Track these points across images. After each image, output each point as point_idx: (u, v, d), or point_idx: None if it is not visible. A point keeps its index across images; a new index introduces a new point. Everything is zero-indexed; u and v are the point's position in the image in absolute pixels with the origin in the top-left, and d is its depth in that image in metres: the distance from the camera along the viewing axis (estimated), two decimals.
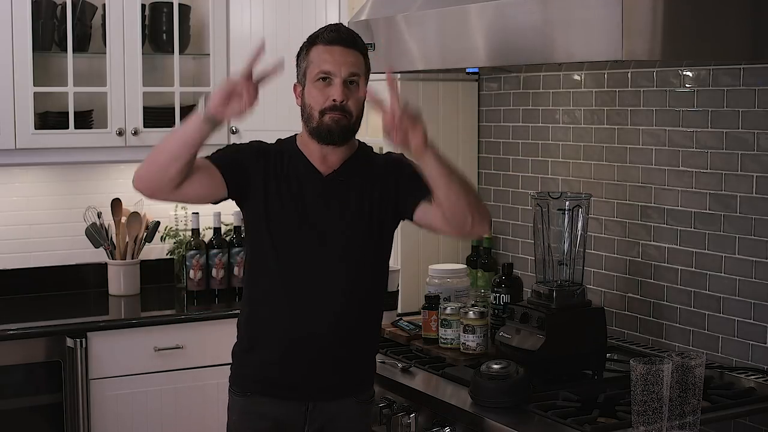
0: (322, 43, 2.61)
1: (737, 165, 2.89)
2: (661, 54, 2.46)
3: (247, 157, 2.66)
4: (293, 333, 2.62)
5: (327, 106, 2.58)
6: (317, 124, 2.59)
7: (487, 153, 3.83)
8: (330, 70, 2.58)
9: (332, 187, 2.64)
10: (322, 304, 2.61)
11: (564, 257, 2.94)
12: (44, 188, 4.25)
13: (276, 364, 2.64)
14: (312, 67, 2.60)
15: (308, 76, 2.61)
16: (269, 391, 2.65)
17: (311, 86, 2.60)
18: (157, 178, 2.54)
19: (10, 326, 3.69)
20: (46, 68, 4.05)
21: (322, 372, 2.64)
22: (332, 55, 2.59)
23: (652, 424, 2.24)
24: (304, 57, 2.64)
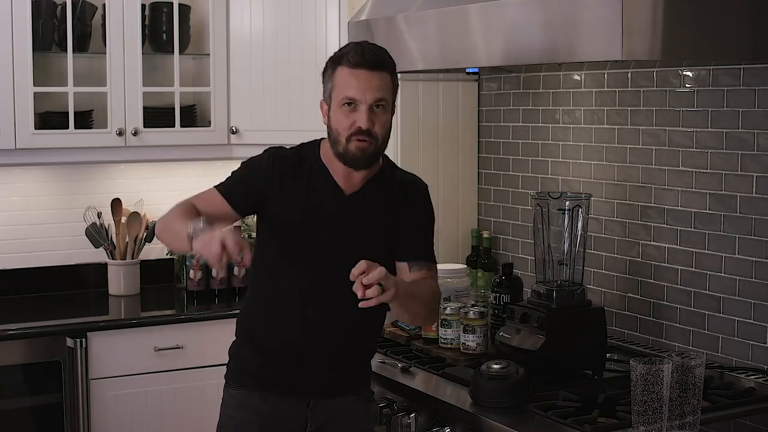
0: (347, 66, 2.53)
1: (737, 165, 2.89)
2: (661, 54, 2.46)
3: (258, 179, 2.62)
4: (298, 336, 2.63)
5: (353, 132, 2.53)
6: (344, 150, 2.55)
7: (487, 153, 3.83)
8: (355, 97, 2.52)
9: (352, 207, 2.63)
10: (329, 314, 2.61)
11: (564, 257, 2.94)
12: (44, 188, 4.25)
13: (279, 363, 2.64)
14: (337, 91, 2.55)
15: (334, 99, 2.56)
16: (270, 387, 2.65)
17: (337, 109, 2.55)
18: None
19: (10, 326, 3.69)
20: (46, 68, 4.04)
21: (323, 372, 2.64)
22: (357, 80, 2.52)
23: (652, 424, 2.24)
24: (330, 77, 2.58)
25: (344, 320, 2.62)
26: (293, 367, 2.63)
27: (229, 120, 4.15)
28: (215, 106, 4.14)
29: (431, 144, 3.78)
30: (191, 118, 4.22)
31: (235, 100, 4.14)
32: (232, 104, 4.14)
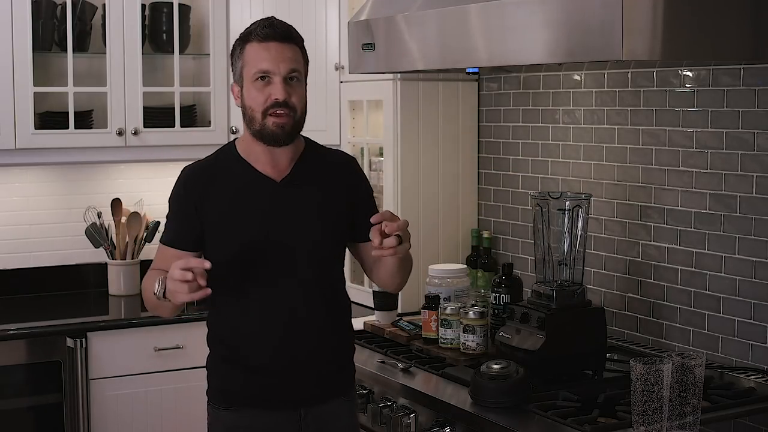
0: (257, 40, 2.50)
1: (737, 165, 2.89)
2: (661, 54, 2.46)
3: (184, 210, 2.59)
4: (276, 342, 2.56)
5: (269, 105, 2.49)
6: (260, 126, 2.50)
7: (487, 153, 3.83)
8: (268, 69, 2.48)
9: (287, 192, 2.56)
10: (299, 310, 2.55)
11: (564, 257, 2.94)
12: (44, 188, 4.25)
13: (265, 375, 2.56)
14: (248, 66, 2.50)
15: (246, 76, 2.51)
16: (260, 403, 2.57)
17: (250, 86, 2.50)
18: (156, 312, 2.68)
19: (10, 326, 3.70)
20: (46, 68, 4.05)
21: (311, 376, 2.58)
22: (269, 52, 2.49)
23: (652, 424, 2.24)
24: (239, 56, 2.53)
25: (316, 315, 2.56)
26: (281, 378, 2.56)
27: (229, 120, 4.15)
28: (215, 106, 4.14)
29: (431, 144, 3.78)
30: (191, 118, 4.22)
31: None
32: (232, 104, 4.13)
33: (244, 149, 2.60)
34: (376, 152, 3.92)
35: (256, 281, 2.55)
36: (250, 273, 2.55)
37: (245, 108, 2.54)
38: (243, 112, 2.55)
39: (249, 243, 2.54)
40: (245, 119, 2.55)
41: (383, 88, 3.75)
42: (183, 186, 2.61)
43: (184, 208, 2.59)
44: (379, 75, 3.66)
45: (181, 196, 2.61)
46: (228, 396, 2.61)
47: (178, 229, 2.61)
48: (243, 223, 2.54)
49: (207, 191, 2.57)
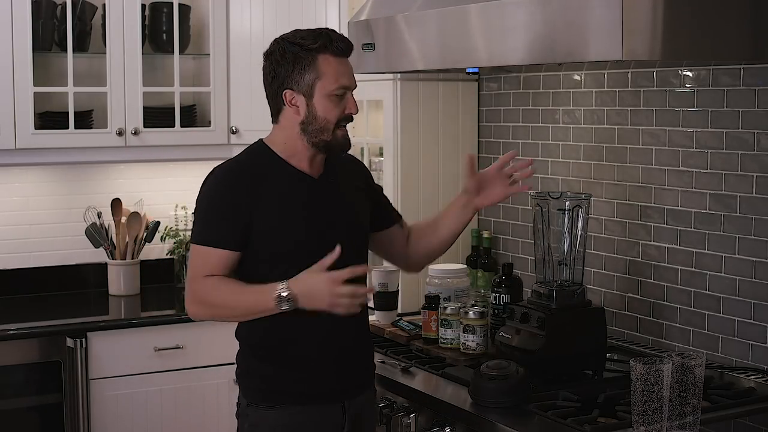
0: (333, 54, 2.53)
1: (737, 165, 2.89)
2: (661, 54, 2.46)
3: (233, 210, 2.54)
4: (324, 337, 2.60)
5: (342, 118, 2.57)
6: (331, 138, 2.57)
7: (487, 153, 3.83)
8: (349, 85, 2.56)
9: (326, 188, 2.63)
10: None
11: (564, 257, 2.94)
12: (44, 188, 4.25)
13: (314, 371, 2.59)
14: (326, 80, 2.52)
15: (321, 89, 2.53)
16: (309, 399, 2.59)
17: (325, 100, 2.54)
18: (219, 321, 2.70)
19: (10, 326, 3.70)
20: (46, 68, 4.05)
21: (354, 367, 2.66)
22: (346, 67, 2.56)
23: (652, 424, 2.24)
24: (310, 66, 2.52)
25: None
26: (327, 372, 2.60)
27: (229, 120, 4.16)
28: (215, 106, 4.14)
29: (431, 144, 3.78)
30: (191, 118, 4.22)
31: (235, 100, 4.15)
32: (232, 104, 4.14)
33: (285, 151, 2.61)
34: (376, 152, 3.92)
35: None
36: (299, 270, 2.54)
37: (315, 119, 2.55)
38: (308, 122, 2.55)
39: (302, 240, 2.57)
40: (309, 128, 2.56)
41: (383, 88, 3.75)
42: (228, 185, 2.56)
43: (232, 205, 2.54)
44: (379, 75, 3.66)
45: (226, 195, 2.55)
46: (275, 395, 2.60)
47: (225, 230, 2.54)
48: (294, 221, 2.57)
49: (257, 191, 2.55)
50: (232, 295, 2.54)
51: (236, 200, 2.54)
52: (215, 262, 2.54)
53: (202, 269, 2.55)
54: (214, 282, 2.54)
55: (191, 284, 2.58)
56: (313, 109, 2.55)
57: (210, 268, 2.54)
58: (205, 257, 2.55)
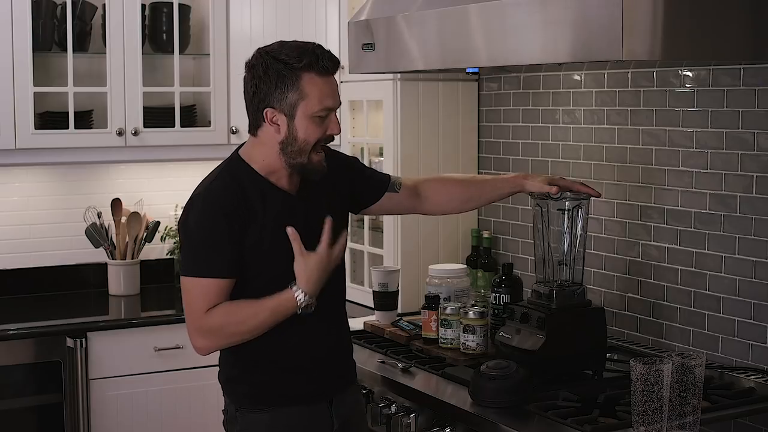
0: (318, 73, 2.45)
1: (737, 165, 2.89)
2: (661, 54, 2.46)
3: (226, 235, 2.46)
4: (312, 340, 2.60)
5: (323, 139, 2.50)
6: (307, 160, 2.50)
7: (487, 153, 3.83)
8: (333, 106, 2.49)
9: (302, 204, 2.58)
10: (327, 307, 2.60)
11: (564, 257, 2.93)
12: (44, 188, 4.25)
13: (303, 372, 2.59)
14: (310, 101, 2.44)
15: (304, 111, 2.45)
16: (298, 399, 2.59)
17: (307, 121, 2.46)
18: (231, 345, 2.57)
19: (10, 326, 3.70)
20: (46, 68, 4.05)
21: (340, 366, 2.67)
22: (330, 87, 2.47)
23: (652, 424, 2.24)
24: (294, 86, 2.44)
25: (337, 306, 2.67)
26: (315, 372, 2.61)
27: (229, 120, 4.16)
28: (215, 106, 4.14)
29: (431, 144, 3.78)
30: (191, 118, 4.22)
31: (235, 100, 4.14)
32: (232, 104, 4.14)
33: (264, 168, 2.54)
34: (376, 152, 3.92)
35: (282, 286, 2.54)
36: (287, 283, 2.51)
37: (295, 140, 2.47)
38: (287, 142, 2.48)
39: (289, 263, 2.51)
40: (288, 149, 2.49)
41: (383, 88, 3.75)
42: (216, 207, 2.47)
43: (225, 230, 2.46)
44: (379, 75, 3.66)
45: (216, 219, 2.46)
46: (264, 399, 2.59)
47: (220, 259, 2.46)
48: (284, 242, 2.49)
49: (245, 214, 2.48)
50: (250, 318, 2.47)
51: (227, 227, 2.46)
52: (215, 293, 2.46)
53: (203, 303, 2.46)
54: (224, 310, 2.47)
55: (195, 320, 2.47)
56: (294, 129, 2.47)
57: (211, 300, 2.46)
58: (203, 290, 2.46)
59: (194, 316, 2.47)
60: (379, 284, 3.47)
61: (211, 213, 2.47)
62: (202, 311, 2.46)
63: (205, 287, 2.46)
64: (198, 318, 2.47)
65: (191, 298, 2.48)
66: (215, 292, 2.46)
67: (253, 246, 2.49)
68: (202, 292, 2.46)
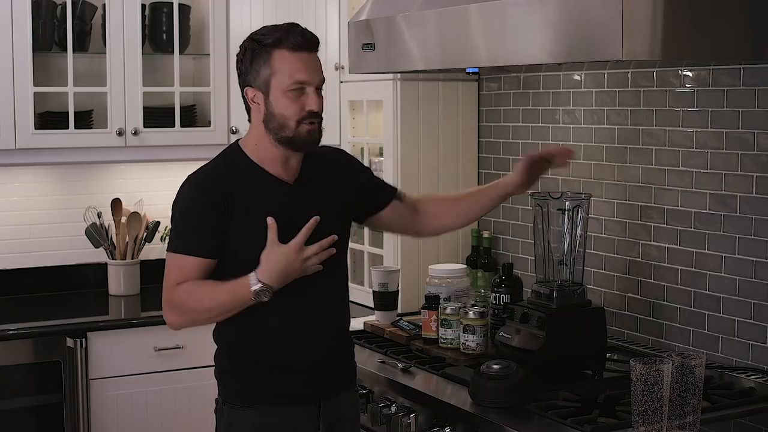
0: (290, 49, 2.48)
1: (737, 165, 2.89)
2: (661, 54, 2.46)
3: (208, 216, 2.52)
4: (304, 340, 2.60)
5: (304, 116, 2.51)
6: (293, 134, 2.51)
7: (487, 153, 3.83)
8: (306, 80, 2.49)
9: (302, 193, 2.59)
10: (317, 305, 2.60)
11: (564, 257, 2.94)
12: (44, 188, 4.25)
13: (291, 373, 2.59)
14: (281, 76, 2.48)
15: (276, 85, 2.49)
16: (284, 399, 2.60)
17: (281, 96, 2.49)
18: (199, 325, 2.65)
19: (10, 326, 3.70)
20: (46, 68, 4.05)
21: (332, 370, 2.65)
22: (303, 62, 2.49)
23: (652, 424, 2.24)
24: (265, 62, 2.49)
25: (333, 308, 2.65)
26: (302, 372, 2.60)
27: (229, 120, 4.15)
28: (215, 106, 4.14)
29: (431, 144, 3.78)
30: (191, 118, 4.22)
31: (235, 100, 4.13)
32: (232, 104, 4.14)
33: (255, 153, 2.59)
34: (376, 152, 3.92)
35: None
36: None
37: (273, 116, 2.52)
38: (268, 119, 2.53)
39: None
40: (271, 126, 2.53)
41: (383, 88, 3.75)
42: (203, 192, 2.54)
43: (208, 214, 2.52)
44: (379, 75, 3.66)
45: (202, 202, 2.53)
46: (251, 395, 2.61)
47: (200, 237, 2.53)
48: (262, 228, 2.49)
49: (230, 196, 2.52)
50: (207, 297, 2.52)
51: (211, 208, 2.52)
52: (190, 271, 2.53)
53: (176, 278, 2.54)
54: (188, 286, 2.53)
55: (166, 293, 2.56)
56: (270, 106, 2.52)
57: (184, 276, 2.53)
58: (180, 265, 2.54)
59: (166, 290, 2.57)
60: (379, 284, 3.47)
61: (196, 194, 2.55)
62: (173, 285, 2.55)
63: (179, 262, 2.55)
64: (168, 291, 2.56)
65: (167, 271, 2.58)
66: (188, 269, 2.53)
67: (238, 231, 2.53)
68: (177, 267, 2.55)
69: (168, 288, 2.56)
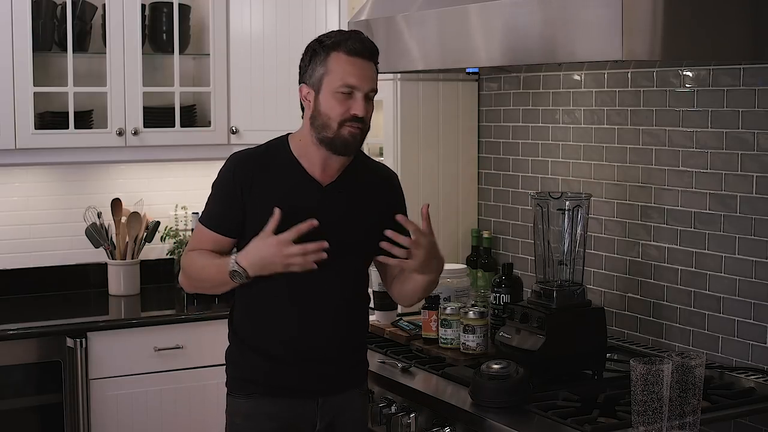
0: (346, 53, 2.53)
1: (737, 165, 2.89)
2: (661, 54, 2.46)
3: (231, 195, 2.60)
4: (301, 333, 2.62)
5: (347, 118, 2.54)
6: (334, 134, 2.55)
7: (487, 153, 3.83)
8: (355, 84, 2.53)
9: (331, 198, 2.61)
10: (325, 305, 2.62)
11: (564, 257, 2.94)
12: (44, 188, 4.25)
13: (287, 366, 2.61)
14: (333, 76, 2.53)
15: (327, 85, 2.54)
16: (279, 391, 2.63)
17: (330, 96, 2.54)
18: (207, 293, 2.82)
19: (10, 326, 3.70)
20: (46, 68, 4.05)
21: (329, 367, 2.65)
22: (357, 68, 2.54)
23: (652, 424, 2.24)
24: (322, 62, 2.55)
25: (339, 312, 2.64)
26: (301, 367, 2.62)
27: (229, 120, 4.15)
28: (215, 106, 4.14)
29: (431, 144, 3.78)
30: (191, 118, 4.22)
31: (235, 100, 4.14)
32: (232, 104, 4.14)
33: (298, 148, 2.63)
34: (376, 152, 3.92)
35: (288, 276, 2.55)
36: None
37: (319, 114, 2.56)
38: (314, 117, 2.57)
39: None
40: (315, 123, 2.57)
41: (383, 88, 3.73)
42: (232, 171, 2.63)
43: (231, 193, 2.61)
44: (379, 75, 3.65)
45: (229, 180, 2.62)
46: (248, 385, 2.66)
47: (220, 214, 2.64)
48: (285, 218, 2.53)
49: (255, 180, 2.60)
50: (202, 268, 2.64)
51: (235, 186, 2.60)
52: (205, 242, 2.65)
53: (193, 244, 2.69)
54: (194, 255, 2.66)
55: (183, 257, 2.73)
56: (318, 104, 2.56)
57: (200, 244, 2.66)
58: (200, 235, 2.68)
59: (184, 253, 2.73)
60: (379, 284, 3.47)
61: (227, 171, 2.64)
62: (189, 249, 2.70)
63: (200, 233, 2.68)
64: (184, 255, 2.72)
65: (193, 236, 2.76)
66: (204, 240, 2.65)
67: (256, 216, 2.57)
68: (197, 237, 2.69)
69: (185, 251, 2.71)
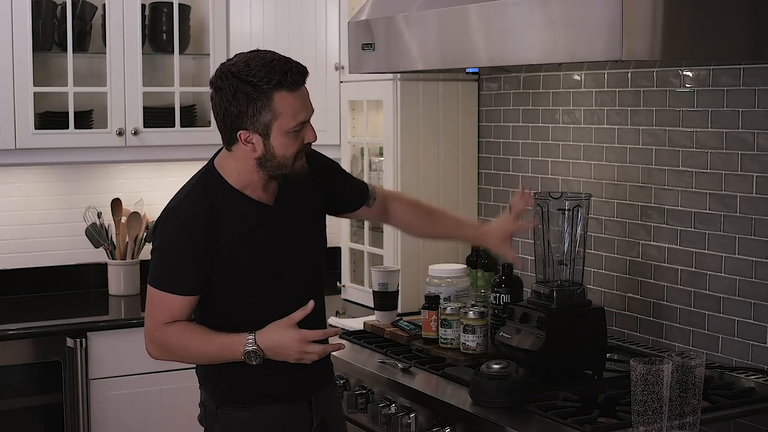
0: (288, 90, 2.40)
1: (737, 165, 2.89)
2: (661, 54, 2.46)
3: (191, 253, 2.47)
4: None
5: (301, 149, 2.49)
6: (291, 171, 2.49)
7: (487, 153, 3.83)
8: (307, 117, 2.46)
9: (281, 214, 2.58)
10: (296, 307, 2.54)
11: (564, 257, 2.94)
12: (44, 188, 4.25)
13: (283, 373, 2.59)
14: (284, 119, 2.41)
15: (278, 128, 2.42)
16: (277, 398, 2.62)
17: (283, 137, 2.43)
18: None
19: (10, 326, 3.70)
20: (46, 68, 4.05)
21: (319, 367, 2.65)
22: (302, 99, 2.44)
23: (652, 424, 2.24)
24: (265, 107, 2.39)
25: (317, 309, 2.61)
26: (293, 372, 2.60)
27: None
28: None
29: (431, 144, 3.78)
30: (191, 118, 4.22)
31: None
32: None
33: (239, 182, 2.54)
34: (376, 152, 3.92)
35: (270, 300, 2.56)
36: (265, 297, 2.56)
37: (273, 156, 2.46)
38: (265, 159, 2.47)
39: (265, 274, 2.55)
40: (267, 165, 2.47)
41: (383, 88, 3.75)
42: (185, 227, 2.48)
43: (192, 253, 2.47)
44: (379, 75, 3.66)
45: (188, 241, 2.47)
46: (245, 396, 2.61)
47: (185, 276, 2.49)
48: (257, 256, 2.52)
49: (214, 229, 2.48)
50: (198, 346, 2.51)
51: (194, 246, 2.47)
52: (176, 310, 2.50)
53: (162, 315, 2.50)
54: (178, 330, 2.50)
55: (153, 330, 2.52)
56: (270, 147, 2.45)
57: (171, 315, 2.50)
58: (165, 303, 2.50)
59: (153, 326, 2.52)
60: (379, 284, 3.47)
61: (180, 231, 2.49)
62: (161, 323, 2.51)
63: (163, 300, 2.50)
64: (156, 328, 2.52)
65: (154, 307, 2.52)
66: (174, 308, 2.50)
67: (227, 258, 2.50)
68: (166, 306, 2.50)
69: (154, 324, 2.51)
